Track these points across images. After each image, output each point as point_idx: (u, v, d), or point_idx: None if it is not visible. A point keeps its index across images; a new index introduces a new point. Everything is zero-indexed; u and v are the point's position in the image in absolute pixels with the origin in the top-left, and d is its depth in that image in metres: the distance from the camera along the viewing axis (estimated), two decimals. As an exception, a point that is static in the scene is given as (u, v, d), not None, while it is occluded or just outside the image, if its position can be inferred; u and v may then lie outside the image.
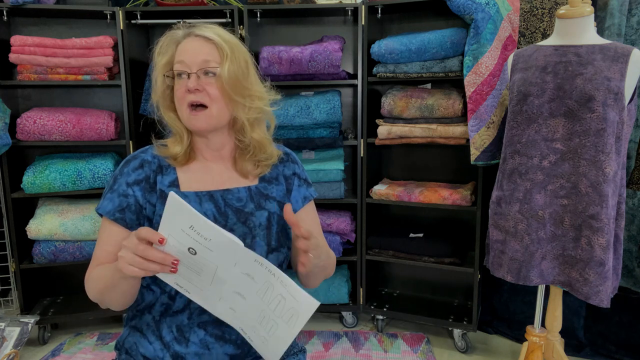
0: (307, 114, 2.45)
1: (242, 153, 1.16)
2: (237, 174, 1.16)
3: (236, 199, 1.13)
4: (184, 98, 1.06)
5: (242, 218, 1.11)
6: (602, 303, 1.61)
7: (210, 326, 1.08)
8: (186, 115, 1.07)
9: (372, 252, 2.58)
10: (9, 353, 2.19)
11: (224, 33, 1.10)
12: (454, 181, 2.63)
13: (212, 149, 1.15)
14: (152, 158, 1.12)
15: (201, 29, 1.09)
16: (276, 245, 1.13)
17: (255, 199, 1.14)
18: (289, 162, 1.23)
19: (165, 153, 1.12)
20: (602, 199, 1.58)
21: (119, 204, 1.07)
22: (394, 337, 2.54)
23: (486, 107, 2.06)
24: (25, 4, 2.32)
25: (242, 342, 1.09)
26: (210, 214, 1.09)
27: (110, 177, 1.12)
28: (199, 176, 1.13)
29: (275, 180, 1.19)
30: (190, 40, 1.08)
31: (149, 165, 1.11)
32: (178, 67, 1.07)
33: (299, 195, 1.22)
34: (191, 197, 1.09)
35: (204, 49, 1.07)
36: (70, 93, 2.69)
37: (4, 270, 2.80)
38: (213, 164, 1.15)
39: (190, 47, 1.07)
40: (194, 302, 1.06)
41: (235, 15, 2.44)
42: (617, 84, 1.56)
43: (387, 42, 2.33)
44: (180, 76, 1.07)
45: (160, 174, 1.10)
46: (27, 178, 2.40)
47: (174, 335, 1.07)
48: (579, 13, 1.65)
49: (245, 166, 1.15)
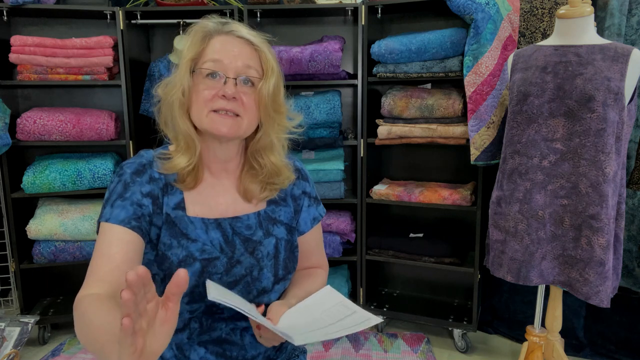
0: (307, 114, 2.45)
1: (251, 173, 1.06)
2: (241, 197, 1.06)
3: (245, 226, 1.04)
4: (212, 101, 0.95)
5: (249, 248, 1.03)
6: (602, 303, 1.61)
7: (210, 344, 1.03)
8: (210, 117, 0.95)
9: (372, 252, 2.58)
10: (9, 353, 2.19)
11: (263, 38, 1.01)
12: (454, 181, 2.63)
13: (219, 161, 1.04)
14: (159, 175, 1.00)
15: (239, 29, 0.99)
16: (283, 274, 1.07)
17: (264, 225, 1.06)
18: (300, 180, 1.14)
19: (170, 169, 0.99)
20: (602, 199, 1.58)
21: (134, 212, 0.94)
22: (394, 337, 2.54)
23: (486, 107, 2.06)
24: (25, 4, 2.32)
25: (244, 358, 1.04)
26: (216, 242, 1.00)
27: (114, 184, 0.97)
28: (205, 198, 1.03)
29: (284, 201, 1.11)
30: (227, 40, 0.98)
31: (156, 183, 0.99)
32: (212, 66, 0.95)
33: (309, 217, 1.15)
34: (197, 223, 1.00)
35: (244, 52, 0.97)
36: (70, 93, 2.69)
37: (4, 270, 2.80)
38: (218, 182, 1.05)
39: (230, 46, 0.97)
40: (193, 322, 1.02)
41: (235, 16, 2.44)
42: (617, 84, 1.56)
43: (387, 42, 2.33)
44: (212, 76, 0.96)
45: (167, 195, 0.99)
46: (27, 178, 2.40)
47: (174, 353, 1.03)
48: (579, 13, 1.65)
49: (251, 188, 1.05)
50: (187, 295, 0.97)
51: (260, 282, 1.03)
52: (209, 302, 0.99)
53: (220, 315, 1.02)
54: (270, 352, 1.10)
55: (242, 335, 1.04)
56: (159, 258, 0.98)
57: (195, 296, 0.97)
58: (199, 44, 0.98)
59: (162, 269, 0.97)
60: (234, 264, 1.01)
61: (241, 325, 1.04)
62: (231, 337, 1.03)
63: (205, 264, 0.98)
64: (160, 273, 0.98)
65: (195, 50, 0.97)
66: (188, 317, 1.02)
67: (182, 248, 0.97)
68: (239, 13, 2.46)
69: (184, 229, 0.99)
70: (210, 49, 0.97)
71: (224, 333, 1.03)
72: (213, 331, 1.03)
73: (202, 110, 0.96)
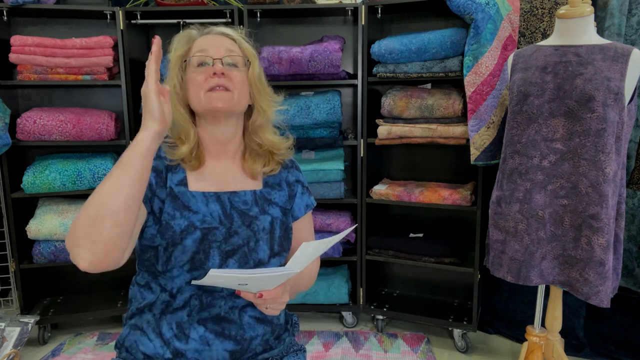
0: (307, 114, 2.45)
1: (253, 156, 1.17)
2: (245, 175, 1.17)
3: (242, 202, 1.13)
4: (206, 82, 1.07)
5: (246, 221, 1.12)
6: (602, 303, 1.61)
7: (210, 322, 1.08)
8: (207, 96, 1.07)
9: (372, 252, 2.58)
10: (9, 353, 2.19)
11: (241, 33, 1.16)
12: (454, 181, 2.63)
13: (218, 143, 1.14)
14: (164, 154, 1.12)
15: (219, 28, 1.15)
16: (279, 250, 1.14)
17: (259, 203, 1.15)
18: (294, 169, 1.25)
19: (175, 155, 1.10)
20: (602, 199, 1.58)
21: None
22: (394, 337, 2.54)
23: (486, 107, 2.06)
24: (25, 4, 2.32)
25: (242, 338, 1.10)
26: (216, 214, 1.10)
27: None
28: (206, 175, 1.13)
29: (278, 186, 1.20)
30: (209, 36, 1.12)
31: (161, 160, 1.11)
32: (200, 56, 1.08)
33: (302, 203, 1.24)
34: (198, 197, 1.10)
35: (225, 42, 1.11)
36: (70, 93, 2.69)
37: (4, 270, 2.80)
38: (219, 163, 1.15)
39: (212, 40, 1.11)
40: (193, 299, 1.08)
41: (235, 15, 2.44)
42: (617, 84, 1.56)
43: (387, 42, 2.33)
44: (201, 65, 1.08)
45: (171, 172, 1.10)
46: (27, 178, 2.40)
47: (174, 332, 1.08)
48: (579, 13, 1.65)
49: (255, 167, 1.16)
50: (189, 262, 1.05)
51: (257, 254, 1.11)
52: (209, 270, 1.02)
53: (219, 292, 1.09)
54: (269, 336, 1.15)
55: (240, 315, 1.11)
56: (162, 228, 1.06)
57: (196, 262, 1.05)
58: (185, 45, 1.12)
59: (165, 238, 1.05)
60: (232, 234, 1.09)
61: (240, 304, 1.11)
62: (230, 315, 1.10)
63: (205, 233, 1.07)
64: (163, 243, 1.05)
65: (182, 49, 1.12)
66: (189, 295, 1.08)
67: (184, 219, 1.06)
68: (239, 13, 2.46)
69: (186, 202, 1.09)
70: (196, 46, 1.12)
71: (223, 311, 1.09)
72: (212, 308, 1.09)
73: (199, 92, 1.07)
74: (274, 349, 1.17)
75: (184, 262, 1.05)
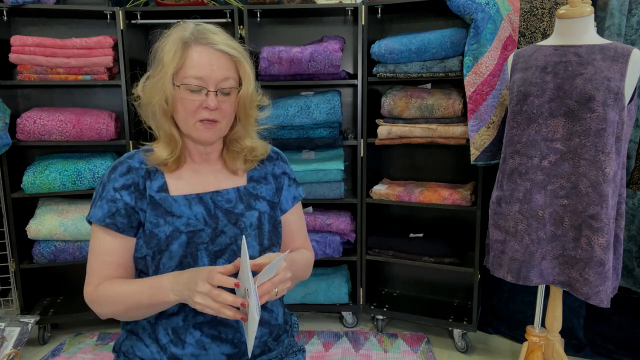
0: (307, 114, 2.45)
1: (232, 154, 1.18)
2: (227, 172, 1.18)
3: (225, 200, 1.13)
4: (197, 112, 1.06)
5: (232, 219, 1.12)
6: (602, 303, 1.61)
7: (206, 327, 1.07)
8: (196, 127, 1.07)
9: (372, 252, 2.58)
10: (9, 353, 2.19)
11: (236, 45, 1.10)
12: (454, 181, 2.63)
13: (202, 153, 1.16)
14: (140, 164, 1.11)
15: (215, 40, 1.06)
16: (268, 245, 1.14)
17: (244, 200, 1.16)
18: (279, 161, 1.25)
19: (154, 160, 1.11)
20: (602, 199, 1.58)
21: (109, 210, 1.07)
22: (394, 337, 2.54)
23: (486, 107, 2.06)
24: (25, 4, 2.32)
25: (239, 341, 1.09)
26: (200, 216, 1.09)
27: (98, 185, 1.12)
28: (187, 179, 1.14)
29: (264, 179, 1.21)
30: (205, 52, 1.05)
31: (136, 171, 1.10)
32: (196, 83, 1.04)
33: (289, 195, 1.25)
34: (180, 201, 1.10)
35: (222, 64, 1.06)
36: (70, 93, 2.69)
37: (4, 270, 2.80)
38: (200, 166, 1.16)
39: (207, 60, 1.05)
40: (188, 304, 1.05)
41: (235, 15, 2.44)
42: (617, 84, 1.56)
43: (387, 42, 2.33)
44: (197, 92, 1.06)
45: (149, 180, 1.10)
46: (27, 178, 2.40)
47: (170, 338, 1.07)
48: (579, 13, 1.65)
49: (236, 164, 1.17)
50: (177, 267, 1.05)
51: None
52: None
53: None
54: (267, 338, 1.13)
55: None
56: (146, 237, 1.07)
57: (185, 266, 1.05)
58: (179, 55, 1.05)
59: (151, 247, 1.06)
60: (218, 234, 1.10)
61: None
62: (225, 318, 1.06)
63: (190, 236, 1.07)
64: (149, 252, 1.06)
65: (175, 62, 1.05)
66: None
67: (168, 225, 1.07)
68: (239, 13, 2.46)
69: (168, 207, 1.09)
70: (190, 62, 1.05)
71: None
72: None
73: (189, 120, 1.07)
74: (273, 351, 1.16)
75: (172, 267, 1.05)
